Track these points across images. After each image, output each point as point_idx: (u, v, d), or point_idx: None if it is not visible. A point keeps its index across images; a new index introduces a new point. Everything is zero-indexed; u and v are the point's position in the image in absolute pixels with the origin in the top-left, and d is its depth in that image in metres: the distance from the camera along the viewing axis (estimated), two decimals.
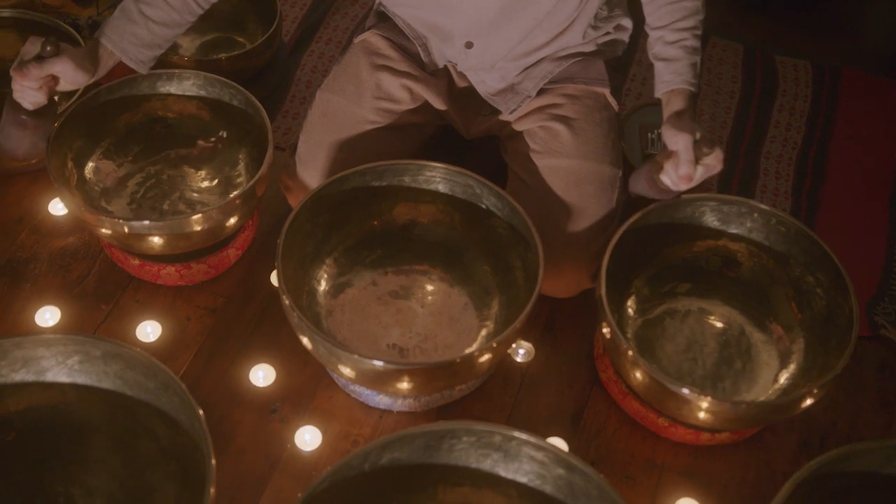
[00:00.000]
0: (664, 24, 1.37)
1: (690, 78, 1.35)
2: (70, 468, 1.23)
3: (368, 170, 1.42)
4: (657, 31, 1.38)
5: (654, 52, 1.39)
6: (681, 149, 1.28)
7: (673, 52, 1.36)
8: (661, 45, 1.37)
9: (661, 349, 1.44)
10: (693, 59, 1.36)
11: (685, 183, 1.29)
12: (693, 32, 1.36)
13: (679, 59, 1.36)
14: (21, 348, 1.17)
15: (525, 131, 1.51)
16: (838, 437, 1.45)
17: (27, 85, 1.30)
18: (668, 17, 1.36)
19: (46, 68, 1.29)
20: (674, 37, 1.36)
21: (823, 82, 1.98)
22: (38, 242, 1.60)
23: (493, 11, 1.37)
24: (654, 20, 1.39)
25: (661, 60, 1.37)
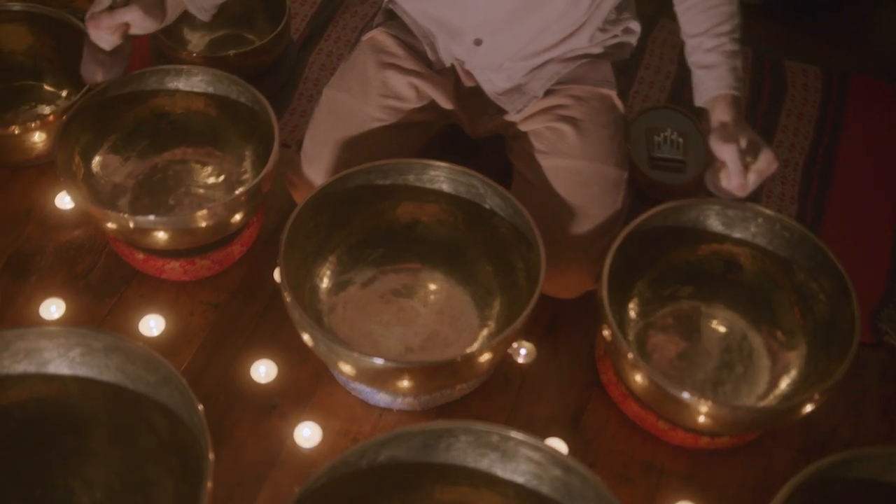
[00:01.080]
0: (701, 30, 1.36)
1: (733, 82, 1.34)
2: (70, 460, 1.24)
3: (373, 168, 1.42)
4: (695, 39, 1.37)
5: (694, 59, 1.38)
6: (728, 160, 1.29)
7: (713, 58, 1.35)
8: (699, 52, 1.36)
9: (663, 352, 1.44)
10: (733, 62, 1.35)
11: (740, 192, 1.31)
12: (731, 37, 1.35)
13: (719, 64, 1.35)
14: (23, 340, 1.18)
15: (531, 131, 1.51)
16: (839, 444, 1.44)
17: (100, 33, 1.38)
18: (704, 23, 1.35)
19: (117, 17, 1.36)
20: (712, 42, 1.35)
21: (832, 88, 1.97)
22: (44, 235, 1.61)
23: (506, 10, 1.38)
24: (690, 27, 1.38)
25: (702, 68, 1.36)
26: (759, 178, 1.31)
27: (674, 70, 1.99)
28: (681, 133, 1.78)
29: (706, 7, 1.35)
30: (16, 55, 1.77)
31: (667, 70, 1.99)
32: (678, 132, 1.78)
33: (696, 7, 1.36)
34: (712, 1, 1.35)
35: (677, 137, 1.77)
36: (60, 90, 1.78)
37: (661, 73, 1.98)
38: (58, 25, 1.71)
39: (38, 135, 1.59)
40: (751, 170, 1.30)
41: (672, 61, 2.00)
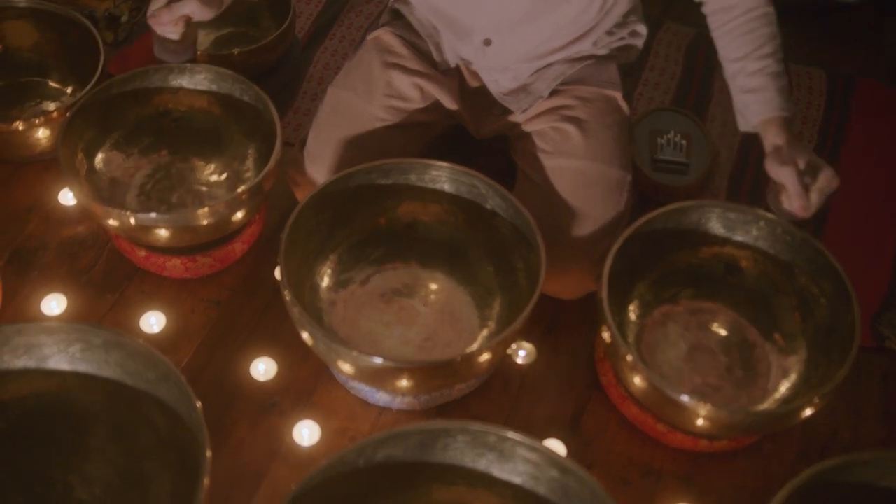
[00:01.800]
0: (743, 54, 1.35)
1: (782, 103, 1.33)
2: (69, 456, 1.24)
3: (374, 167, 1.42)
4: (737, 63, 1.35)
5: (738, 84, 1.36)
6: (787, 183, 1.28)
7: (758, 81, 1.33)
8: (743, 76, 1.35)
9: (663, 354, 1.44)
10: (780, 83, 1.33)
11: (803, 213, 1.29)
12: (775, 58, 1.34)
13: (766, 87, 1.33)
14: (23, 335, 1.18)
15: (536, 131, 1.51)
16: (839, 448, 1.44)
17: (163, 27, 1.38)
18: (745, 46, 1.34)
19: (175, 11, 1.35)
20: (756, 66, 1.33)
21: (836, 91, 1.97)
22: (47, 231, 1.61)
23: (519, 12, 1.38)
24: (730, 52, 1.37)
25: (748, 92, 1.35)
26: (822, 197, 1.29)
27: (678, 72, 1.98)
28: (684, 135, 1.77)
29: (745, 31, 1.34)
30: (22, 51, 1.78)
31: (671, 72, 1.99)
32: (681, 134, 1.78)
33: (734, 32, 1.35)
34: (751, 24, 1.34)
35: (680, 140, 1.77)
36: (65, 87, 1.79)
37: (665, 75, 1.98)
38: (63, 22, 1.72)
39: (41, 131, 1.60)
40: (812, 190, 1.28)
41: (677, 63, 2.00)
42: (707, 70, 1.98)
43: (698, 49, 2.02)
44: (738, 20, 1.35)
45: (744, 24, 1.35)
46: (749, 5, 1.35)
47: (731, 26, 1.36)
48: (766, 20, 1.35)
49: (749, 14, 1.35)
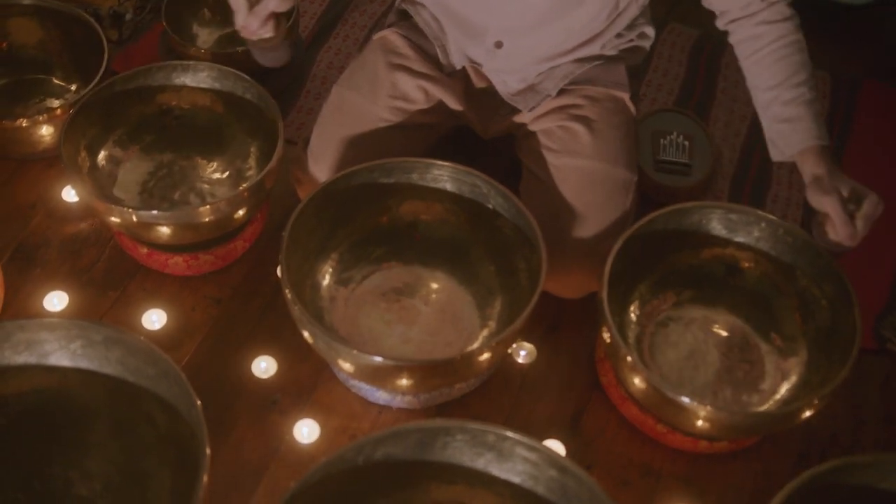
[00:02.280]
0: (776, 82, 1.32)
1: (818, 132, 1.30)
2: (69, 452, 1.25)
3: (377, 166, 1.42)
4: (770, 92, 1.32)
5: (773, 113, 1.33)
6: (831, 213, 1.26)
7: (793, 110, 1.30)
8: (778, 105, 1.32)
9: (663, 355, 1.44)
10: (815, 111, 1.31)
11: (850, 242, 1.27)
12: (808, 85, 1.31)
13: (802, 116, 1.30)
14: (24, 331, 1.19)
15: (543, 130, 1.50)
16: (839, 451, 1.44)
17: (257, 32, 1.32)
18: (777, 75, 1.32)
19: (261, 12, 1.29)
20: (790, 94, 1.31)
21: (841, 93, 1.97)
22: (50, 228, 1.62)
23: (534, 16, 1.37)
24: (761, 80, 1.34)
25: (783, 122, 1.32)
26: (868, 224, 1.27)
27: (682, 73, 1.98)
28: (687, 136, 1.77)
29: (776, 59, 1.32)
30: (26, 49, 1.78)
31: (675, 73, 1.98)
32: (684, 135, 1.77)
33: (765, 60, 1.33)
34: (782, 52, 1.32)
35: (683, 141, 1.77)
36: (69, 84, 1.79)
37: (668, 76, 1.98)
38: (68, 20, 1.72)
39: (45, 128, 1.60)
40: (857, 217, 1.26)
41: (680, 64, 2.00)
42: (710, 71, 1.98)
43: (702, 50, 2.02)
44: (769, 48, 1.32)
45: (774, 52, 1.32)
46: (779, 33, 1.32)
47: (762, 55, 1.33)
48: (797, 47, 1.32)
49: (779, 42, 1.32)
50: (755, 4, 1.33)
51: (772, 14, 1.33)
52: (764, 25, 1.33)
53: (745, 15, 1.34)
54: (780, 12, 1.33)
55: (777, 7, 1.33)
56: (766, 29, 1.33)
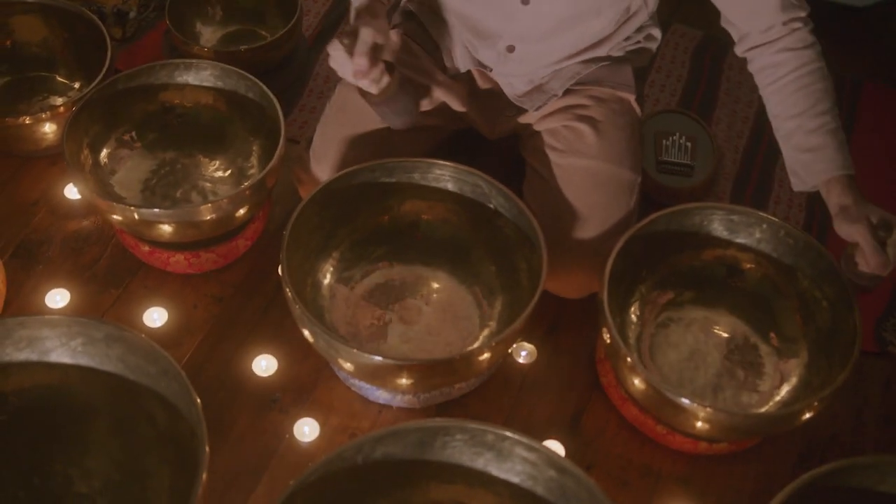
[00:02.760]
0: (798, 111, 1.29)
1: (844, 162, 1.27)
2: (69, 449, 1.25)
3: (378, 166, 1.42)
4: (793, 121, 1.30)
5: (795, 143, 1.30)
6: (861, 241, 1.23)
7: (818, 139, 1.28)
8: (801, 134, 1.29)
9: (663, 356, 1.44)
10: (839, 140, 1.28)
11: (883, 270, 1.24)
12: (832, 114, 1.29)
13: (826, 145, 1.27)
14: (25, 328, 1.19)
15: (548, 129, 1.50)
16: (839, 452, 1.44)
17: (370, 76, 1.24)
18: (800, 103, 1.29)
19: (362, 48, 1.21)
20: (814, 123, 1.28)
21: (844, 95, 1.96)
22: (52, 225, 1.62)
23: (549, 26, 1.37)
24: (783, 109, 1.31)
25: (807, 151, 1.29)
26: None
27: (685, 74, 1.98)
28: (689, 137, 1.77)
29: (798, 87, 1.29)
30: (30, 46, 1.78)
31: (678, 74, 1.98)
32: (687, 136, 1.77)
33: (786, 88, 1.30)
34: (804, 80, 1.29)
35: (685, 142, 1.77)
36: (73, 82, 1.79)
37: (672, 77, 1.98)
38: (72, 18, 1.73)
39: (48, 126, 1.60)
40: (889, 244, 1.23)
41: (683, 65, 2.00)
42: (713, 73, 1.98)
43: (705, 52, 2.02)
44: (791, 76, 1.30)
45: (796, 80, 1.29)
46: (801, 60, 1.29)
47: (783, 83, 1.30)
48: (819, 75, 1.30)
49: (801, 69, 1.29)
50: (776, 29, 1.30)
51: (793, 41, 1.30)
52: (785, 53, 1.30)
53: (766, 41, 1.31)
54: (801, 39, 1.30)
55: (799, 34, 1.30)
56: (787, 56, 1.30)
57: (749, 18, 1.32)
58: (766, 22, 1.30)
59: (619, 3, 1.37)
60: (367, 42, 1.21)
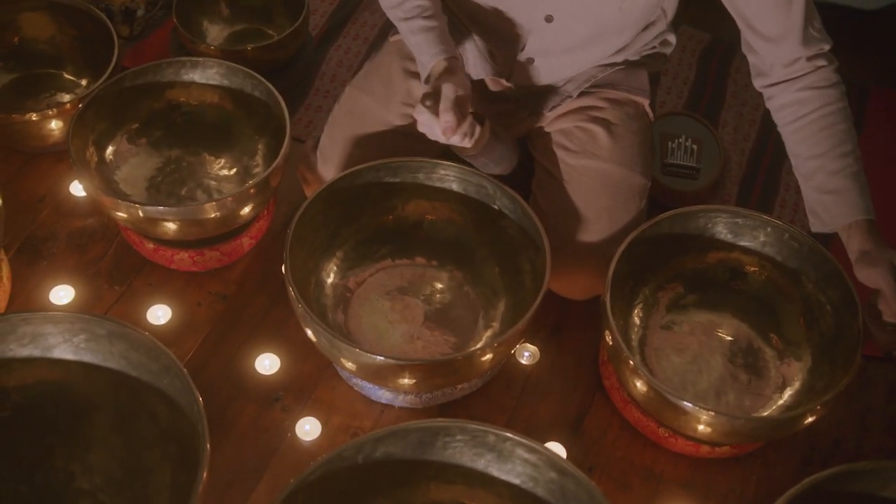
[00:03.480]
0: (820, 151, 1.25)
1: (866, 206, 1.23)
2: (71, 445, 1.25)
3: (382, 165, 1.42)
4: (815, 161, 1.26)
5: (816, 184, 1.26)
6: (882, 285, 1.19)
7: (840, 182, 1.24)
8: (822, 175, 1.25)
9: (666, 359, 1.44)
10: (861, 182, 1.24)
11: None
12: (854, 156, 1.25)
13: (849, 189, 1.23)
14: (29, 324, 1.19)
15: (561, 130, 1.50)
16: (843, 458, 1.43)
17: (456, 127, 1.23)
18: (822, 143, 1.25)
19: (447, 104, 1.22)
20: (836, 165, 1.24)
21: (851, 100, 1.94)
22: (57, 221, 1.62)
23: (571, 42, 1.37)
24: (804, 148, 1.27)
25: (828, 193, 1.25)
26: None
27: (692, 77, 1.98)
28: (695, 140, 1.77)
29: (821, 127, 1.25)
30: (38, 43, 1.79)
31: (685, 76, 1.98)
32: (693, 139, 1.77)
33: (809, 128, 1.26)
34: (827, 120, 1.25)
35: (691, 144, 1.76)
36: (80, 79, 1.80)
37: (678, 80, 1.97)
38: (80, 15, 1.73)
39: (54, 122, 1.61)
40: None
41: (690, 68, 1.99)
42: (720, 75, 1.98)
43: (713, 54, 2.02)
44: (813, 115, 1.26)
45: (819, 120, 1.26)
46: (825, 100, 1.26)
47: (805, 122, 1.27)
48: (842, 115, 1.26)
49: (824, 109, 1.26)
50: (800, 65, 1.26)
51: (817, 79, 1.26)
52: (808, 91, 1.26)
53: (789, 78, 1.27)
54: (826, 78, 1.26)
55: (823, 72, 1.26)
56: (810, 95, 1.26)
57: (772, 47, 1.27)
58: (789, 54, 1.26)
59: (642, 20, 1.37)
60: (449, 97, 1.21)
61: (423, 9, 1.32)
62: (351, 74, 1.91)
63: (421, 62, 1.32)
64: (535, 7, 1.31)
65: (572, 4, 1.29)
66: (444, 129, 1.22)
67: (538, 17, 1.32)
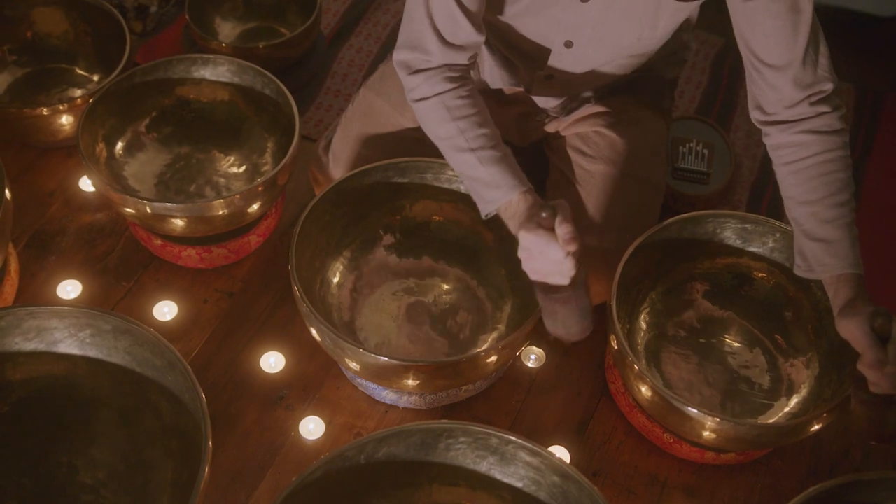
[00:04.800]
0: (816, 197, 1.19)
1: (856, 260, 1.18)
2: (75, 439, 1.26)
3: (391, 165, 1.42)
4: (808, 206, 1.20)
5: (808, 228, 1.20)
6: (859, 335, 1.10)
7: (832, 231, 1.18)
8: (814, 221, 1.19)
9: (672, 364, 1.43)
10: (853, 235, 1.19)
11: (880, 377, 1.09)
12: (850, 207, 1.19)
13: (840, 239, 1.18)
14: (35, 318, 1.20)
15: (579, 133, 1.49)
16: (850, 467, 1.42)
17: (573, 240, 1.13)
18: (821, 190, 1.19)
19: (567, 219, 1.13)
20: (830, 214, 1.18)
21: (865, 106, 1.94)
22: (67, 216, 1.63)
23: (591, 67, 1.36)
24: (800, 193, 1.21)
25: (819, 241, 1.19)
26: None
27: (704, 81, 1.97)
28: (706, 145, 1.76)
29: (819, 173, 1.19)
30: (51, 38, 1.80)
31: (697, 80, 1.97)
32: (704, 143, 1.76)
33: (805, 172, 1.20)
34: (826, 167, 1.19)
35: (703, 149, 1.75)
36: (92, 74, 1.80)
37: (691, 84, 1.96)
38: (93, 11, 1.74)
39: (65, 117, 1.61)
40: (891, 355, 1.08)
41: (703, 72, 1.98)
42: (733, 80, 1.96)
43: (726, 59, 2.00)
44: (812, 160, 1.20)
45: (817, 166, 1.19)
46: (825, 146, 1.19)
47: (803, 166, 1.21)
48: (842, 164, 1.20)
49: (824, 155, 1.19)
50: (803, 108, 1.20)
51: (820, 124, 1.20)
52: (809, 135, 1.20)
53: (790, 120, 1.21)
54: (828, 124, 1.20)
55: (826, 118, 1.20)
56: (811, 139, 1.20)
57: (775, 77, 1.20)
58: (791, 90, 1.19)
59: (661, 48, 1.36)
60: (568, 210, 1.13)
61: (489, 137, 1.24)
62: (363, 74, 1.91)
63: (489, 198, 1.23)
64: (555, 33, 1.29)
65: (593, 32, 1.27)
66: (569, 239, 1.11)
67: (558, 43, 1.31)
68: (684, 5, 1.24)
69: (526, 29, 1.32)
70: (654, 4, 1.22)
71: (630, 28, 1.26)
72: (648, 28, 1.27)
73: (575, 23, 1.25)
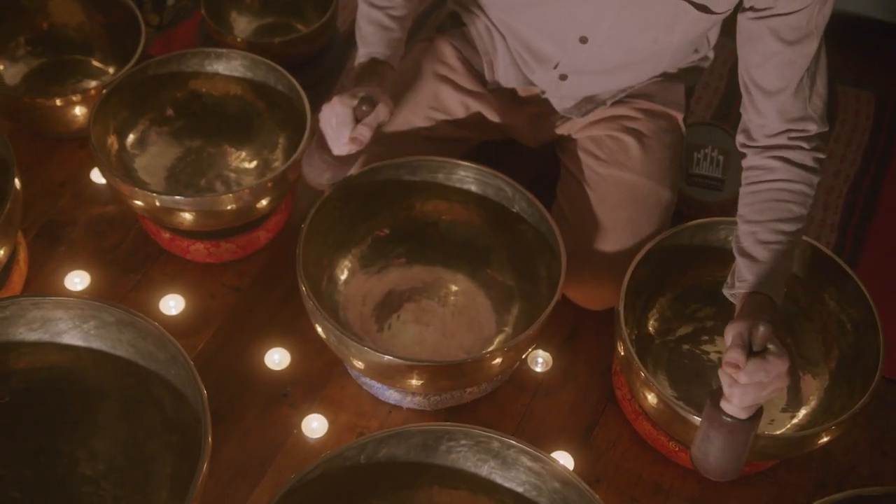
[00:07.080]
0: (760, 219, 1.19)
1: (773, 287, 1.15)
2: (77, 431, 1.25)
3: (403, 163, 1.41)
4: (750, 225, 1.19)
5: (742, 245, 1.19)
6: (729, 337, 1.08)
7: (761, 252, 1.17)
8: (750, 240, 1.18)
9: (679, 372, 1.41)
10: (782, 266, 1.16)
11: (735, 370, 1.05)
12: (790, 238, 1.17)
13: (766, 261, 1.16)
14: (39, 308, 1.20)
15: (592, 137, 1.48)
16: (858, 482, 1.40)
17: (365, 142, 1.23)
18: (766, 213, 1.18)
19: (373, 123, 1.23)
20: (767, 237, 1.17)
21: (885, 115, 1.92)
22: (77, 207, 1.63)
23: (606, 66, 1.35)
24: (748, 212, 1.20)
25: (745, 257, 1.18)
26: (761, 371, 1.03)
27: (722, 87, 1.95)
28: (722, 151, 1.74)
29: (773, 198, 1.19)
30: (67, 29, 1.80)
31: (715, 86, 1.95)
32: (719, 150, 1.74)
33: (761, 194, 1.20)
34: (782, 195, 1.18)
35: (718, 155, 1.73)
36: (107, 66, 1.80)
37: (709, 89, 1.95)
38: (109, 3, 1.74)
39: (78, 108, 1.61)
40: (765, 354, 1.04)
41: (721, 77, 1.96)
42: None
43: None
44: (771, 185, 1.19)
45: (775, 192, 1.19)
46: (791, 176, 1.18)
47: (761, 188, 1.20)
48: (800, 198, 1.18)
49: (786, 184, 1.18)
50: (781, 139, 1.19)
51: (792, 155, 1.19)
52: (778, 161, 1.19)
53: (767, 145, 1.21)
54: (800, 158, 1.19)
55: (800, 153, 1.19)
56: (778, 165, 1.19)
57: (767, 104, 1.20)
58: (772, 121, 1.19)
59: (678, 56, 1.35)
60: (378, 119, 1.23)
61: (393, 8, 1.33)
62: None
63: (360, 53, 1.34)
64: (570, 28, 1.29)
65: (608, 29, 1.26)
66: (353, 138, 1.22)
67: (573, 38, 1.30)
68: (704, 16, 1.23)
69: (540, 24, 1.31)
70: (672, 8, 1.21)
71: (646, 28, 1.25)
72: (664, 30, 1.25)
73: (590, 19, 1.25)
